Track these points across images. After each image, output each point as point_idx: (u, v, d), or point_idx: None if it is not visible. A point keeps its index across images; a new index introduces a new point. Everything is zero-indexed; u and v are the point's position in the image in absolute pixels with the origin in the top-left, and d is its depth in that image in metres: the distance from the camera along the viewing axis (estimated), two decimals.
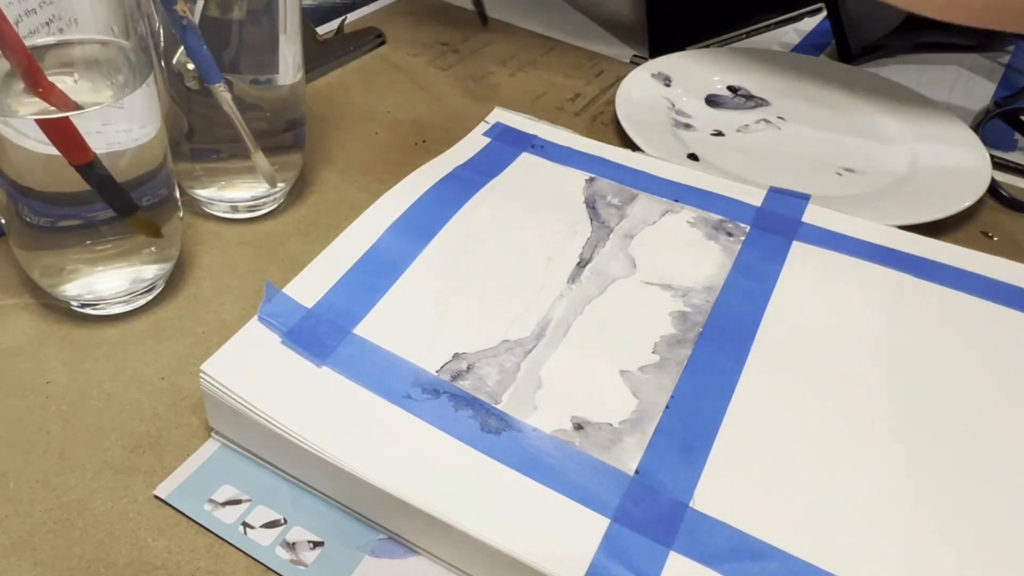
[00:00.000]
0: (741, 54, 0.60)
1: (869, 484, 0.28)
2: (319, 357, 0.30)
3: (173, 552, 0.27)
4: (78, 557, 0.27)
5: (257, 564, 0.27)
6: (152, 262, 0.35)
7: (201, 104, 0.37)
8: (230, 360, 0.29)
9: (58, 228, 0.32)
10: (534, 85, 0.56)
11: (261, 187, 0.40)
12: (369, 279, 0.34)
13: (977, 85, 0.60)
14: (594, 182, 0.41)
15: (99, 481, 0.29)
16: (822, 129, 0.52)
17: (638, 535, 0.25)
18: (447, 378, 0.30)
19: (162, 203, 0.34)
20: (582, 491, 0.27)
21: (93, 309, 0.35)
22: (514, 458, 0.27)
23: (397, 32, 0.61)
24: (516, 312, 0.33)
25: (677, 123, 0.51)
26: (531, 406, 0.29)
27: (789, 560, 0.25)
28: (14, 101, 0.30)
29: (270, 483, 0.29)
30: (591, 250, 0.37)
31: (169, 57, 0.36)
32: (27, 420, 0.31)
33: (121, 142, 0.31)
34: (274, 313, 0.31)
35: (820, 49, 0.64)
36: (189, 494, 0.28)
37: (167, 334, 0.35)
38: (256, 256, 0.39)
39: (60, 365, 0.33)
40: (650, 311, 0.34)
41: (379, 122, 0.50)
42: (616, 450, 0.28)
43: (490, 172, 0.41)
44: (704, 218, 0.39)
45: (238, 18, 0.36)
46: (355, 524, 0.28)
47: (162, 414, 0.31)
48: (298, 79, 0.39)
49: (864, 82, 0.56)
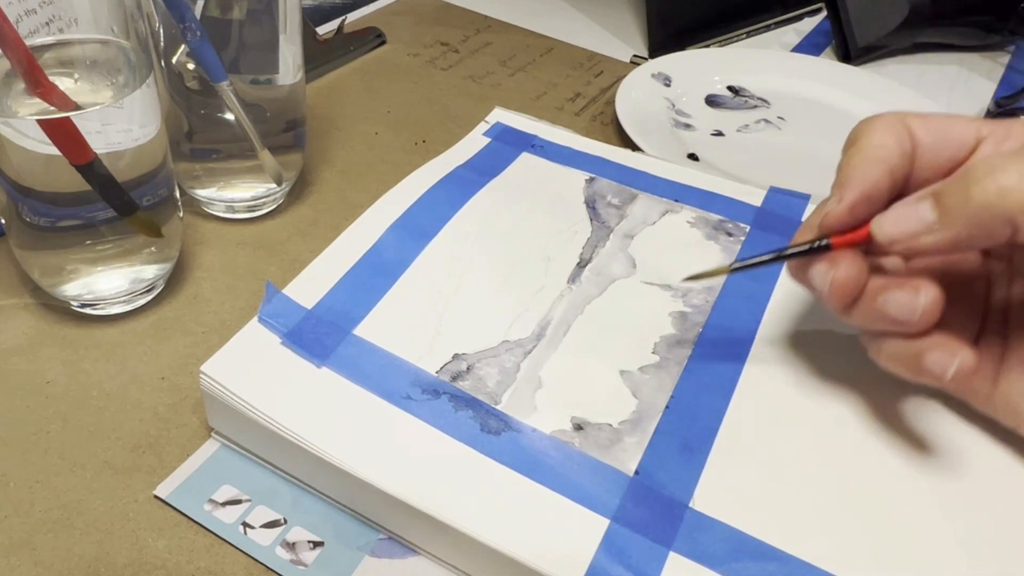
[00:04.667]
0: (741, 54, 0.60)
1: (869, 484, 0.28)
2: (319, 358, 0.30)
3: (173, 552, 0.27)
4: (78, 557, 0.27)
5: (257, 564, 0.27)
6: (152, 262, 0.35)
7: (201, 104, 0.37)
8: (230, 361, 0.29)
9: (58, 228, 0.32)
10: (534, 85, 0.56)
11: (261, 187, 0.40)
12: (369, 279, 0.34)
13: (977, 85, 0.60)
14: (594, 182, 0.41)
15: (99, 481, 0.29)
16: (822, 129, 0.52)
17: (638, 535, 0.25)
18: (447, 379, 0.30)
19: (162, 203, 0.34)
20: (582, 491, 0.27)
21: (93, 309, 0.35)
22: (514, 458, 0.27)
23: (397, 32, 0.61)
24: (516, 312, 0.33)
25: (677, 123, 0.51)
26: (531, 406, 0.29)
27: (788, 560, 0.25)
28: (14, 101, 0.30)
29: (270, 483, 0.29)
30: (591, 250, 0.37)
31: (169, 57, 0.36)
32: (27, 420, 0.31)
33: (121, 142, 0.31)
34: (274, 314, 0.31)
35: (820, 49, 0.64)
36: (189, 494, 0.28)
37: (167, 334, 0.35)
38: (256, 256, 0.39)
39: (60, 365, 0.33)
40: (650, 311, 0.34)
41: (379, 122, 0.50)
42: (616, 450, 0.28)
43: (490, 172, 0.41)
44: (704, 218, 0.39)
45: (238, 18, 0.36)
46: (355, 524, 0.28)
47: (162, 414, 0.31)
48: (298, 79, 0.39)
49: (864, 82, 0.56)
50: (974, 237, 0.24)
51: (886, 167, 0.26)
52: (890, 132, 0.27)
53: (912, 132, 0.27)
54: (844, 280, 0.26)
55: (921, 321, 0.25)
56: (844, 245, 0.26)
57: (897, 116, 0.28)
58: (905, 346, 0.26)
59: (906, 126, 0.27)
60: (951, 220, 0.24)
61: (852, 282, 0.26)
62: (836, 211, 0.26)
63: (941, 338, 0.26)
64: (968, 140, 0.27)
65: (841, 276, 0.26)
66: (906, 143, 0.27)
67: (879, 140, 0.27)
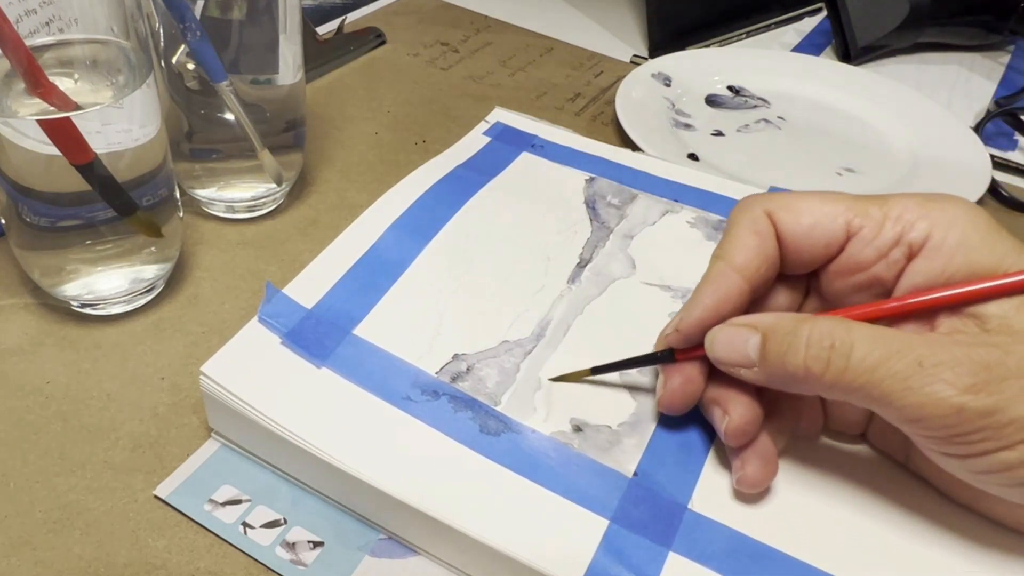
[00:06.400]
0: (741, 54, 0.60)
1: (868, 484, 0.28)
2: (319, 358, 0.30)
3: (173, 552, 0.27)
4: (78, 557, 0.27)
5: (257, 564, 0.27)
6: (152, 262, 0.35)
7: (201, 104, 0.37)
8: (230, 361, 0.29)
9: (58, 228, 0.32)
10: (534, 85, 0.56)
11: (261, 187, 0.40)
12: (369, 279, 0.34)
13: (977, 85, 0.60)
14: (594, 182, 0.41)
15: (99, 481, 0.29)
16: (822, 129, 0.52)
17: (637, 536, 0.25)
18: (447, 379, 0.30)
19: (162, 203, 0.34)
20: (581, 492, 0.27)
21: (93, 309, 0.35)
22: (513, 460, 0.27)
23: (397, 32, 0.61)
24: (516, 312, 0.33)
25: (677, 123, 0.51)
26: (530, 408, 0.29)
27: (787, 561, 0.25)
28: (14, 101, 0.30)
29: (270, 483, 0.29)
30: (591, 250, 0.37)
31: (169, 57, 0.36)
32: (27, 420, 0.31)
33: (121, 142, 0.31)
34: (274, 314, 0.31)
35: (820, 49, 0.64)
36: (189, 494, 0.28)
37: (167, 334, 0.35)
38: (256, 256, 0.39)
39: (60, 365, 0.33)
40: (650, 312, 0.34)
41: (379, 122, 0.50)
42: (615, 452, 0.28)
43: (490, 172, 0.41)
44: (704, 218, 0.39)
45: (238, 18, 0.36)
46: (355, 524, 0.28)
47: (162, 414, 0.31)
48: (298, 79, 0.39)
49: (864, 82, 0.56)
50: (787, 388, 0.26)
51: (742, 279, 0.27)
52: (752, 233, 0.27)
53: (778, 225, 0.27)
54: (670, 397, 0.28)
55: (728, 440, 0.27)
56: (686, 358, 0.28)
57: (763, 208, 0.28)
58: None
59: (772, 220, 0.27)
60: (767, 370, 0.25)
61: (678, 398, 0.28)
62: (672, 338, 0.28)
63: (729, 395, 0.27)
64: (838, 232, 0.27)
65: (667, 393, 0.28)
66: (768, 246, 0.27)
67: (741, 244, 0.27)
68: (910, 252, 0.26)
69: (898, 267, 0.26)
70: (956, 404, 0.22)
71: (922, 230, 0.25)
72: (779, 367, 0.25)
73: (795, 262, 0.28)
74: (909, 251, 0.26)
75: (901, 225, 0.26)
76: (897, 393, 0.23)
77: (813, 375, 0.24)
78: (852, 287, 0.27)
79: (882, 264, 0.26)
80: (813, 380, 0.24)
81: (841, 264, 0.27)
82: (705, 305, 0.27)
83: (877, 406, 0.24)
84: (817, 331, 0.24)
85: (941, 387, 0.22)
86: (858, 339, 0.23)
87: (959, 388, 0.22)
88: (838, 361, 0.23)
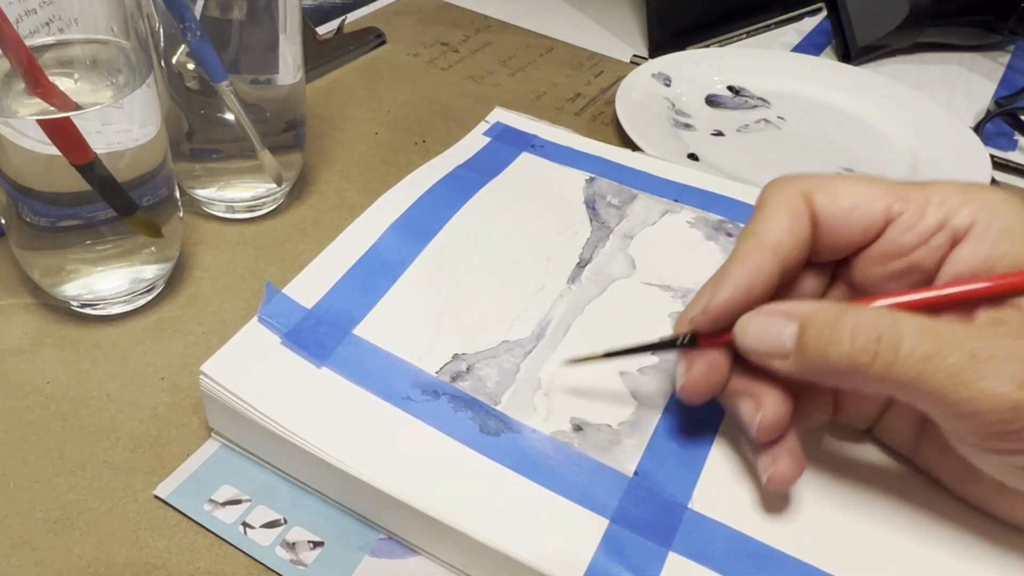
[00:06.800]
0: (741, 54, 0.60)
1: (868, 484, 0.28)
2: (319, 358, 0.30)
3: (173, 552, 0.27)
4: (78, 557, 0.27)
5: (257, 564, 0.27)
6: (152, 262, 0.35)
7: (201, 104, 0.37)
8: (230, 361, 0.29)
9: (58, 228, 0.32)
10: (534, 85, 0.56)
11: (261, 187, 0.40)
12: (369, 279, 0.34)
13: (977, 85, 0.60)
14: (594, 182, 0.41)
15: (99, 481, 0.29)
16: (822, 129, 0.52)
17: (637, 536, 0.25)
18: (447, 379, 0.30)
19: (162, 203, 0.34)
20: (581, 492, 0.27)
21: (93, 309, 0.35)
22: (513, 459, 0.27)
23: (397, 32, 0.61)
24: (516, 312, 0.33)
25: (677, 123, 0.51)
26: (530, 407, 0.29)
27: (787, 561, 0.25)
28: (14, 101, 0.30)
29: (270, 483, 0.29)
30: (591, 250, 0.37)
31: (169, 57, 0.36)
32: (27, 420, 0.31)
33: (121, 142, 0.31)
34: (274, 314, 0.31)
35: (820, 49, 0.64)
36: (189, 494, 0.28)
37: (167, 334, 0.35)
38: (256, 256, 0.39)
39: (60, 365, 0.33)
40: (650, 312, 0.34)
41: (379, 122, 0.50)
42: (615, 451, 0.28)
43: (490, 172, 0.41)
44: (704, 218, 0.39)
45: (238, 18, 0.36)
46: (355, 524, 0.28)
47: (162, 414, 0.31)
48: (298, 79, 0.39)
49: (864, 82, 0.56)
50: (822, 380, 0.24)
51: (775, 259, 0.26)
52: (786, 212, 0.26)
53: (814, 207, 0.26)
54: (692, 385, 0.26)
55: (760, 435, 0.25)
56: (710, 345, 0.26)
57: (799, 188, 0.26)
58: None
59: (808, 202, 0.26)
60: (804, 361, 0.24)
61: (700, 387, 0.26)
62: (699, 319, 0.26)
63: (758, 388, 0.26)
64: (877, 216, 0.26)
65: (690, 381, 0.27)
66: (802, 227, 0.26)
67: (775, 223, 0.26)
68: (954, 238, 0.25)
69: (940, 253, 0.25)
70: (1013, 399, 0.21)
71: (966, 216, 0.25)
72: (819, 359, 0.23)
73: (828, 246, 0.26)
74: (953, 237, 0.25)
75: (944, 210, 0.25)
76: (949, 388, 0.21)
77: (858, 368, 0.22)
78: (888, 274, 0.26)
79: (923, 250, 0.25)
80: (858, 373, 0.23)
81: (878, 250, 0.26)
82: (736, 285, 0.25)
83: (925, 401, 0.22)
84: (863, 322, 0.23)
85: (996, 382, 0.21)
86: (907, 331, 0.22)
87: (1017, 383, 0.21)
88: (886, 354, 0.22)
